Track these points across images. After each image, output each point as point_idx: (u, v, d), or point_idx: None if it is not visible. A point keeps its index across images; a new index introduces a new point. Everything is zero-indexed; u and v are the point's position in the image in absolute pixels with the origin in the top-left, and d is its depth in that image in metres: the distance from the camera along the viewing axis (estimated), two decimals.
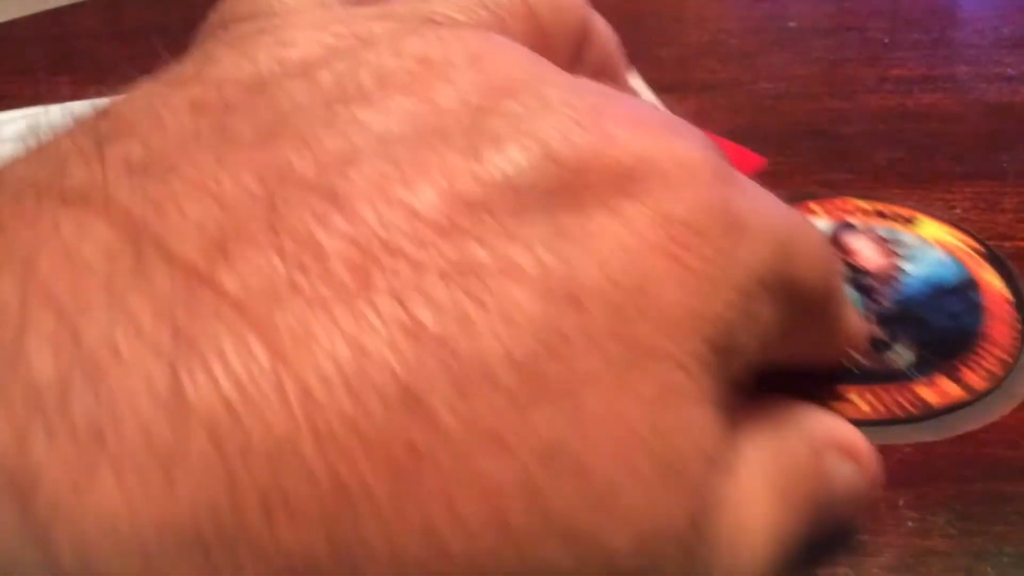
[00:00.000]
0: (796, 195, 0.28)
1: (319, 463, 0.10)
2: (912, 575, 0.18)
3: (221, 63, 0.14)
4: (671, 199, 0.13)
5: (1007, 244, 0.26)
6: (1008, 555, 0.18)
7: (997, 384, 0.22)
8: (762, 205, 0.15)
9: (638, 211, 0.13)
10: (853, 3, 0.41)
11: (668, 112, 0.18)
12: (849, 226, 0.27)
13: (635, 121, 0.14)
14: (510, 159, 0.12)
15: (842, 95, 0.34)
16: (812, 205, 0.28)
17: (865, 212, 0.28)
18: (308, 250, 0.11)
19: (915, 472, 0.20)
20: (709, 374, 0.13)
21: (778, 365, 0.19)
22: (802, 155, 0.31)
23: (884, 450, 0.21)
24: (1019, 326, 0.24)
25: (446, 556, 0.11)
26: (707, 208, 0.13)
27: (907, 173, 0.30)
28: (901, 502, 0.20)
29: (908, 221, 0.27)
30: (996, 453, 0.21)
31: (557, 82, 0.14)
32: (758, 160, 0.29)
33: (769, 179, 0.29)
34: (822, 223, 0.27)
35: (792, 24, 0.39)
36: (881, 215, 0.28)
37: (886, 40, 0.38)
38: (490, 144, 0.13)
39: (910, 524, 0.19)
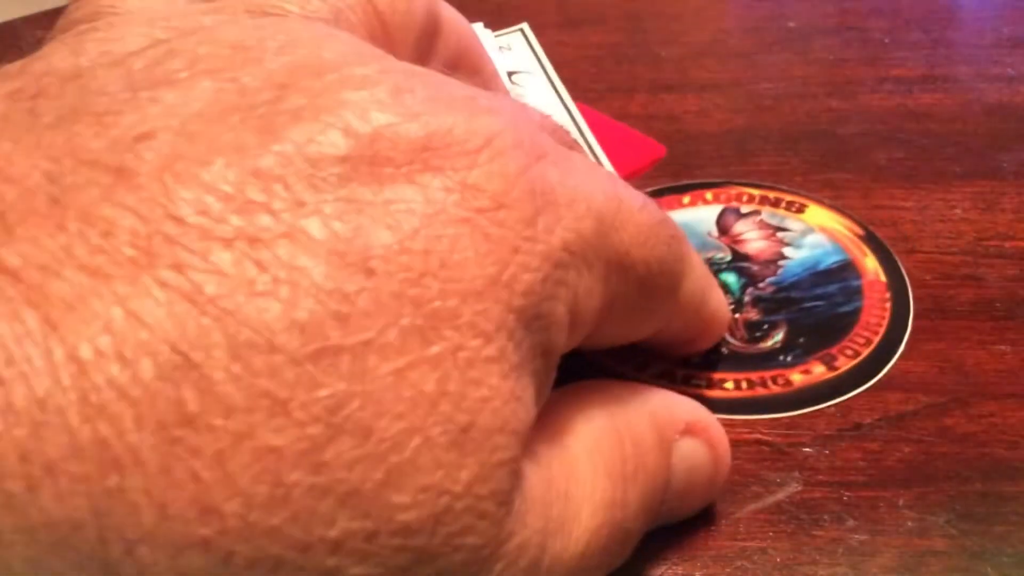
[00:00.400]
0: (691, 184, 0.29)
1: (83, 427, 0.10)
2: (912, 575, 0.18)
3: (48, 58, 0.14)
4: (469, 169, 0.13)
5: (1007, 244, 0.27)
6: (1008, 555, 0.18)
7: (859, 362, 0.23)
8: (579, 180, 0.15)
9: (435, 181, 0.13)
10: (853, 3, 0.41)
11: (497, 95, 0.18)
12: (735, 211, 0.28)
13: (438, 99, 0.14)
14: (306, 134, 0.13)
15: (842, 95, 0.34)
16: (706, 193, 0.28)
17: (755, 199, 0.28)
18: (90, 224, 0.11)
19: (915, 472, 0.20)
20: (513, 342, 0.13)
21: (647, 347, 0.20)
22: (802, 155, 0.31)
23: (883, 449, 0.21)
24: (888, 306, 0.24)
25: (219, 519, 0.11)
26: (507, 177, 0.14)
27: (907, 173, 0.30)
28: (901, 502, 0.20)
29: (799, 209, 0.27)
30: (996, 453, 0.21)
31: (368, 64, 0.14)
32: (658, 149, 0.28)
33: (770, 179, 0.30)
34: (710, 208, 0.28)
35: (792, 24, 0.39)
36: (771, 202, 0.28)
37: (886, 40, 0.38)
38: (288, 120, 0.13)
39: (910, 524, 0.19)
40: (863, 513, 0.19)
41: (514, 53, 0.24)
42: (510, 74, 0.23)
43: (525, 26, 0.24)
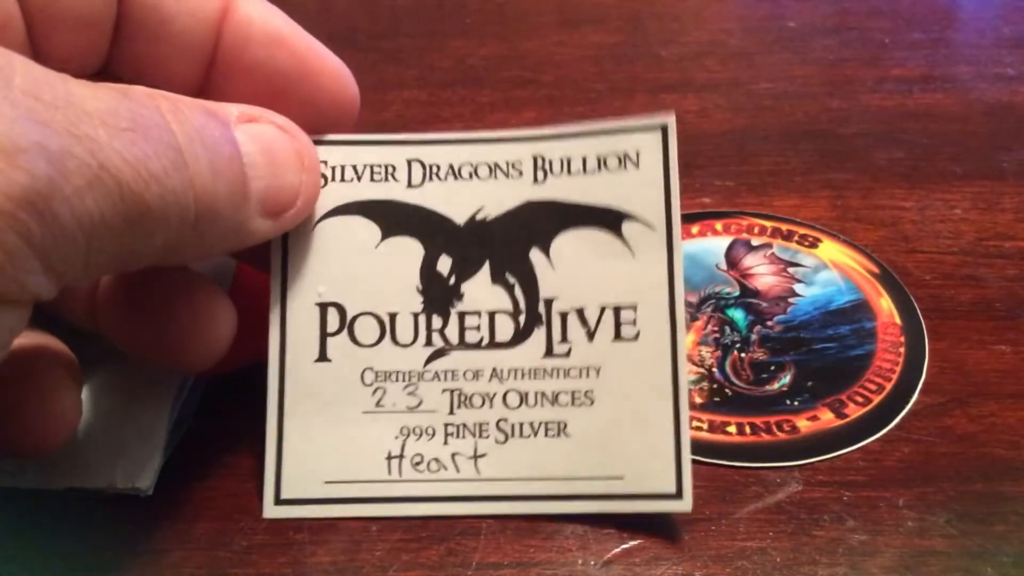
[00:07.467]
0: (701, 213, 0.28)
1: None
2: (912, 575, 0.18)
3: None
4: None
5: (1007, 244, 0.27)
6: (1008, 555, 0.18)
7: (870, 410, 0.22)
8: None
9: None
10: (853, 3, 0.41)
11: None
12: (745, 244, 0.27)
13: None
14: None
15: (842, 95, 0.34)
16: (716, 224, 0.27)
17: (767, 231, 0.27)
18: None
19: (915, 472, 0.20)
20: None
21: None
22: (802, 155, 0.31)
23: (883, 449, 0.21)
24: (902, 351, 0.23)
25: None
26: None
27: (907, 173, 0.30)
28: (901, 502, 0.20)
29: (812, 243, 0.26)
30: (996, 453, 0.21)
31: None
32: None
33: (770, 179, 0.30)
34: (720, 240, 0.26)
35: (792, 24, 0.39)
36: (783, 235, 0.27)
37: (886, 40, 0.38)
38: None
39: (910, 524, 0.19)
40: (863, 513, 0.19)
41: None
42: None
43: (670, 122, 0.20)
